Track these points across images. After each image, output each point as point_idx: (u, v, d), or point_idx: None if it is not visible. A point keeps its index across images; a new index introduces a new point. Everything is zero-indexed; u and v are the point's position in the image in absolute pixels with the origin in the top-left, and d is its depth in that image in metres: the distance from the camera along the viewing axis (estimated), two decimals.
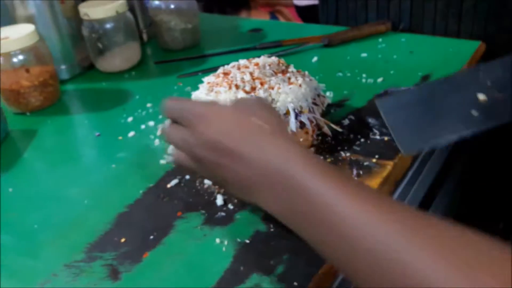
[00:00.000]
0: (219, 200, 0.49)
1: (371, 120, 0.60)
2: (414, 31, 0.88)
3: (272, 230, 0.45)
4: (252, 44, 0.90)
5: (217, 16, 1.10)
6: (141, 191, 0.53)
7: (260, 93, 0.54)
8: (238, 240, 0.44)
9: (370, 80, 0.71)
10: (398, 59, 0.77)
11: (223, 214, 0.48)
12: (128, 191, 0.53)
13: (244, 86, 0.56)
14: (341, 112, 0.63)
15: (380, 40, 0.85)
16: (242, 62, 0.61)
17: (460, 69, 0.70)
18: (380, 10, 0.90)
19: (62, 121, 0.71)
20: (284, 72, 0.58)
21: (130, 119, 0.69)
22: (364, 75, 0.72)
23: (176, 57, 0.90)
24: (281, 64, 0.60)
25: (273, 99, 0.55)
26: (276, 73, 0.58)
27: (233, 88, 0.55)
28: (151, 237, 0.46)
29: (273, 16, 1.77)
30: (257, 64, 0.59)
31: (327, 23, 0.98)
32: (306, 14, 1.55)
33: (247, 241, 0.44)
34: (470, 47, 0.77)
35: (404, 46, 0.81)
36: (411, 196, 0.63)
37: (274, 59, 0.60)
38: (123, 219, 0.49)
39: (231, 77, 0.57)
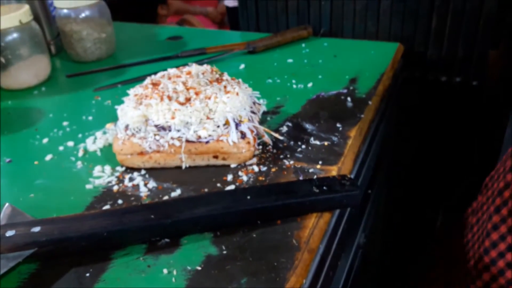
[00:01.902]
0: None
1: (308, 126, 0.59)
2: (335, 35, 0.89)
3: (224, 252, 0.41)
4: (173, 53, 0.86)
5: (132, 24, 1.04)
6: None
7: (196, 103, 0.51)
8: (189, 268, 0.40)
9: (301, 86, 0.70)
10: (324, 63, 0.77)
11: (167, 240, 0.43)
12: None
13: (178, 97, 0.52)
14: (278, 119, 0.61)
15: (303, 45, 0.84)
16: (172, 71, 0.56)
17: (384, 70, 0.72)
18: (300, 15, 0.90)
19: None
20: (219, 80, 0.55)
21: (45, 140, 0.61)
22: (293, 81, 0.71)
23: (90, 69, 0.83)
24: (214, 72, 0.56)
25: (210, 110, 0.51)
26: (211, 82, 0.54)
27: (165, 100, 0.51)
28: (87, 274, 0.40)
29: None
30: (189, 73, 0.55)
31: (248, 29, 0.97)
32: (236, 15, 1.54)
33: (199, 268, 0.40)
34: (390, 49, 0.79)
35: (327, 51, 0.82)
36: None
37: (206, 67, 0.57)
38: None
39: (162, 87, 0.53)
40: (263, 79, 0.73)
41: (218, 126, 0.51)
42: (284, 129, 0.59)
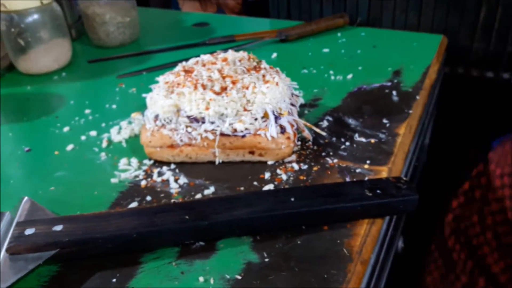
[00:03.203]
0: None
1: (351, 121, 0.54)
2: (372, 25, 0.84)
3: (266, 260, 0.37)
4: (199, 40, 0.81)
5: (156, 9, 0.99)
6: None
7: (233, 93, 0.46)
8: (227, 276, 0.36)
9: (339, 77, 0.65)
10: (363, 54, 0.72)
11: (201, 243, 0.39)
12: None
13: (213, 86, 0.47)
14: (316, 113, 0.56)
15: (339, 34, 0.79)
16: (206, 57, 0.52)
17: (429, 63, 0.67)
18: (335, 3, 0.85)
19: None
20: (256, 68, 0.50)
21: (66, 129, 0.57)
22: (331, 72, 0.66)
23: (113, 54, 0.79)
24: (252, 60, 0.52)
25: (248, 101, 0.47)
26: (248, 70, 0.49)
27: (200, 88, 0.47)
28: (113, 280, 0.36)
29: (219, 9, 1.67)
30: (225, 60, 0.50)
31: (278, 17, 0.92)
32: (254, 6, 1.48)
33: (239, 277, 0.35)
34: (433, 41, 0.73)
35: (365, 41, 0.76)
36: None
37: (243, 53, 0.52)
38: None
39: (195, 75, 0.49)
40: (298, 69, 0.68)
41: (256, 119, 0.47)
42: (324, 123, 0.54)
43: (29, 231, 0.37)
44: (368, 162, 0.47)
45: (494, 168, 0.59)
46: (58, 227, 0.37)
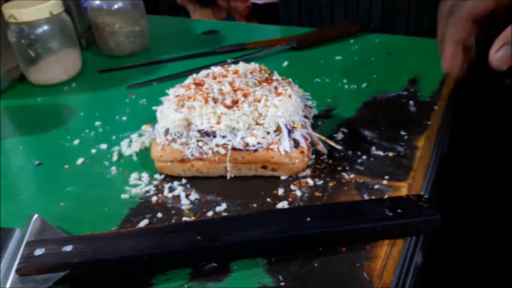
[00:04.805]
0: None
1: (367, 133, 0.52)
2: (385, 31, 0.82)
3: (282, 284, 0.35)
4: (209, 48, 0.80)
5: (166, 17, 0.99)
6: None
7: (244, 107, 0.45)
8: None
9: (353, 86, 0.63)
10: (377, 61, 0.70)
11: (214, 264, 0.37)
12: None
13: (224, 99, 0.46)
14: (331, 124, 0.55)
15: (351, 41, 0.78)
16: (217, 70, 0.51)
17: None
18: (348, 10, 0.83)
19: None
20: (268, 80, 0.49)
21: (76, 142, 0.56)
22: (345, 81, 0.65)
23: (123, 64, 0.78)
24: (263, 71, 0.50)
25: (260, 114, 0.45)
26: (260, 82, 0.48)
27: (210, 102, 0.45)
28: None
29: (229, 14, 1.66)
30: (236, 72, 0.49)
31: (290, 24, 0.90)
32: (264, 13, 1.47)
33: None
34: None
35: (379, 48, 0.75)
36: None
37: (255, 65, 0.51)
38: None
39: (206, 88, 0.47)
40: (310, 78, 0.67)
41: (268, 133, 0.45)
42: (339, 135, 0.52)
43: (38, 252, 0.36)
44: (386, 177, 0.45)
45: None
46: (68, 248, 0.36)
